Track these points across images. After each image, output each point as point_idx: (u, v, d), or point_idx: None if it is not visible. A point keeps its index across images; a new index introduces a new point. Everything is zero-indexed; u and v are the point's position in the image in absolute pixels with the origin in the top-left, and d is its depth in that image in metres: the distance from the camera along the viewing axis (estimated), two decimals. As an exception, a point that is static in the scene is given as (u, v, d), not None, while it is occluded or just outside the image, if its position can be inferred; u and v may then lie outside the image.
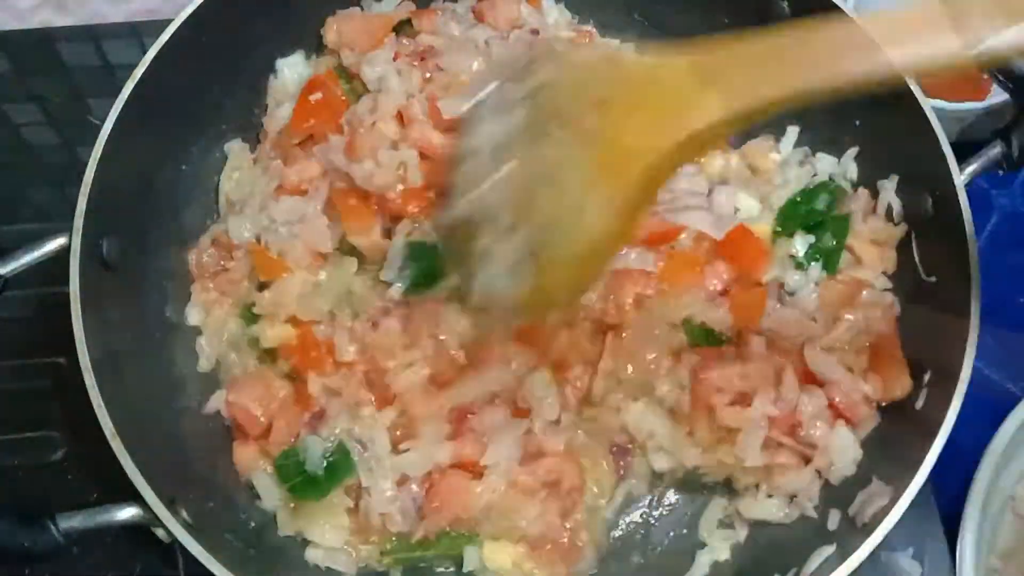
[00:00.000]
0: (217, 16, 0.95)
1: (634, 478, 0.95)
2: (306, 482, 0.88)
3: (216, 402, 0.94)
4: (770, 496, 0.91)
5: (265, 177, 1.01)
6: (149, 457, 0.81)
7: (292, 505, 0.90)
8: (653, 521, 0.96)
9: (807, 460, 0.89)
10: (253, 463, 0.91)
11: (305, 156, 0.98)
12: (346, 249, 0.97)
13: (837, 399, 0.89)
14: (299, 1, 1.04)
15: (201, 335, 0.99)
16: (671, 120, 0.66)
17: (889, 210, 0.97)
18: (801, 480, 0.89)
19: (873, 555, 0.80)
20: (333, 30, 1.04)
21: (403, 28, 1.04)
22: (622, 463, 0.95)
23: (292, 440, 0.90)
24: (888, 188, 0.97)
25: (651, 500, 0.96)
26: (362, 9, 1.07)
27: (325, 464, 0.88)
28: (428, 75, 0.99)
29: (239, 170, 1.04)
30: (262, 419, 0.90)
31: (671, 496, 0.97)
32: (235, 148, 1.05)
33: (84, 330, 0.82)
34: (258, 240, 0.97)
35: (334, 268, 0.96)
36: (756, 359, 0.90)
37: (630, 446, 0.94)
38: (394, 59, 1.00)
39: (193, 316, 0.99)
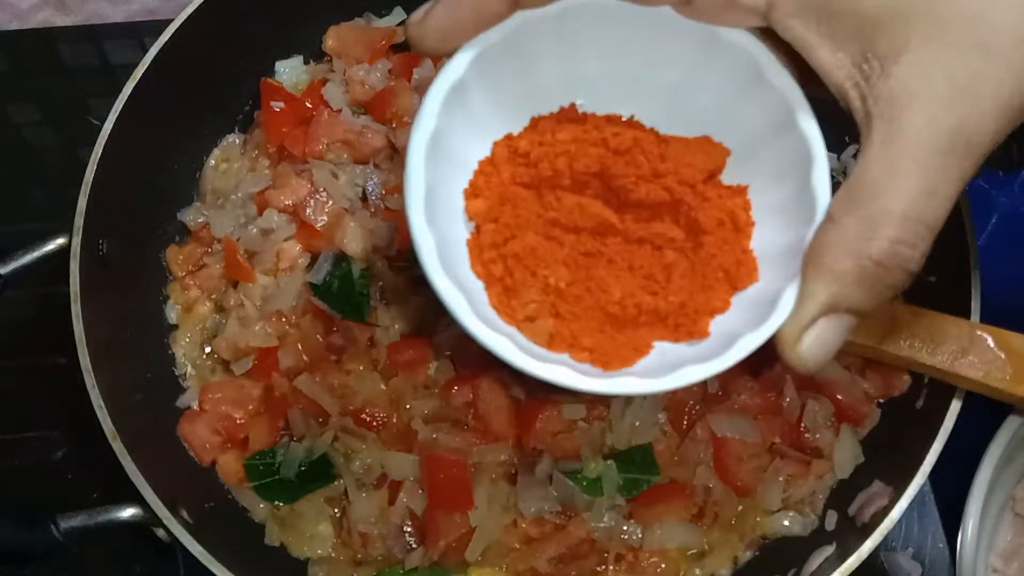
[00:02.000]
0: (217, 17, 0.95)
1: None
2: (275, 484, 0.88)
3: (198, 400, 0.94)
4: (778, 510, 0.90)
5: (252, 176, 1.01)
6: (150, 457, 0.81)
7: (279, 515, 0.90)
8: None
9: (808, 465, 0.89)
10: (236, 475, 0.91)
11: (296, 172, 0.98)
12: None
13: (839, 398, 0.89)
14: (299, 5, 1.04)
15: (184, 334, 0.98)
16: None
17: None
18: (806, 488, 0.89)
19: (873, 555, 0.80)
20: (333, 37, 1.05)
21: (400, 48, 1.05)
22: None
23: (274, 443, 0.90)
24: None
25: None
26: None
27: (302, 470, 0.88)
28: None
29: (231, 167, 1.04)
30: (240, 421, 0.91)
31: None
32: (233, 143, 1.05)
33: (84, 330, 0.82)
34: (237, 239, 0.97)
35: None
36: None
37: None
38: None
39: (173, 314, 0.98)
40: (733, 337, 0.54)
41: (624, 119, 0.60)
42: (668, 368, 0.54)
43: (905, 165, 0.47)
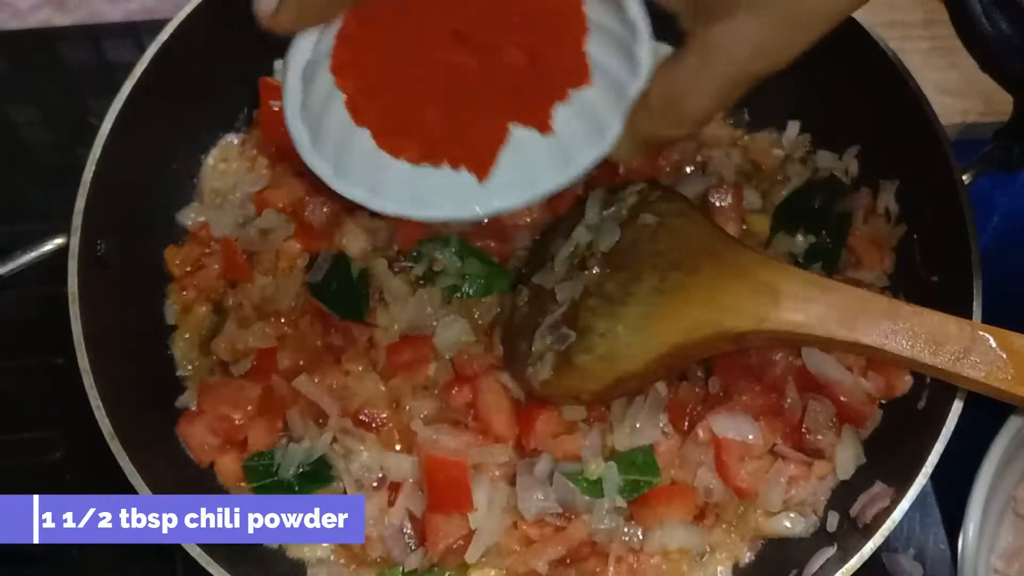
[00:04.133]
0: (216, 16, 0.95)
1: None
2: (274, 485, 0.87)
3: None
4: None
5: (251, 176, 1.01)
6: (148, 458, 0.81)
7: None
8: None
9: (809, 466, 0.89)
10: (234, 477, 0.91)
11: (295, 172, 0.97)
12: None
13: (841, 399, 0.89)
14: (299, 2, 1.04)
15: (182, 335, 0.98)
16: (733, 314, 0.77)
17: (889, 210, 0.97)
18: (807, 489, 0.89)
19: (874, 556, 0.80)
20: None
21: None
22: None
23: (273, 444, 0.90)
24: (889, 188, 0.96)
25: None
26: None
27: (301, 471, 0.87)
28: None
29: (229, 166, 1.03)
30: (239, 422, 0.90)
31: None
32: (231, 143, 1.05)
33: (82, 330, 0.82)
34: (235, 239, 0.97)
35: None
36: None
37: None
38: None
39: (171, 315, 0.98)
40: (575, 155, 0.69)
41: None
42: (530, 186, 0.69)
43: (707, 90, 0.61)
